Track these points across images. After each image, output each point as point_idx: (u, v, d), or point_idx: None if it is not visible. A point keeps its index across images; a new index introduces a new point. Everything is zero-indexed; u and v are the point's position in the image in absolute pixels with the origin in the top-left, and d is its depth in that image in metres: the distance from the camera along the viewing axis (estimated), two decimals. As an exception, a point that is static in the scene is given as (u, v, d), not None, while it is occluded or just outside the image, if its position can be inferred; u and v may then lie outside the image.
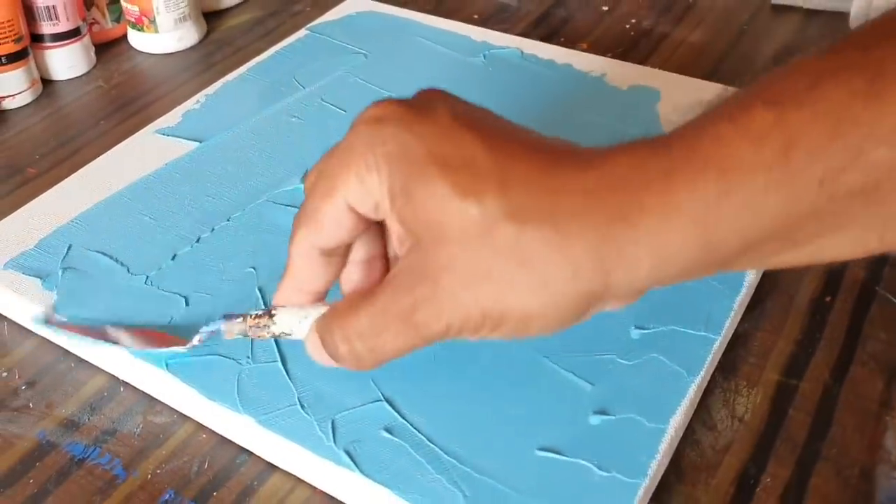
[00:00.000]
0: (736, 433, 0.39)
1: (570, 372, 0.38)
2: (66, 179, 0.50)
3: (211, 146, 0.52)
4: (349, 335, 0.29)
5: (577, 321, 0.27)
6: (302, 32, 0.63)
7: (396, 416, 0.37)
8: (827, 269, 0.47)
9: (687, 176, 0.24)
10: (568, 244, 0.25)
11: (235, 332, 0.33)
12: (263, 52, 0.62)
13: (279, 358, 0.39)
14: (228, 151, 0.52)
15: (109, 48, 0.66)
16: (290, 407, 0.37)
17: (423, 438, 0.36)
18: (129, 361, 0.40)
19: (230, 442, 0.39)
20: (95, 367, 0.42)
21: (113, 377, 0.41)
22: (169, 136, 0.53)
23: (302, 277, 0.31)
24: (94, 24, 0.65)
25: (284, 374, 0.39)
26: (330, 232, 0.30)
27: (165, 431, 0.39)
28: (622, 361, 0.39)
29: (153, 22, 0.64)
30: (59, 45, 0.61)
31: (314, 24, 0.64)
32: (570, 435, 0.36)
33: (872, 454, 0.38)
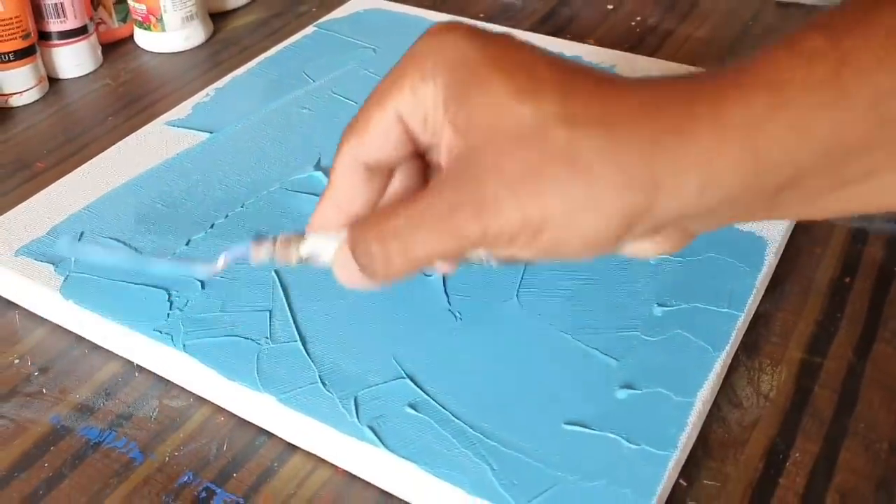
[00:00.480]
0: (762, 410, 0.38)
1: (594, 348, 0.38)
2: (76, 170, 0.49)
3: (222, 136, 0.52)
4: (385, 234, 0.28)
5: (613, 244, 0.26)
6: (310, 29, 0.63)
7: (420, 392, 0.36)
8: (844, 250, 0.46)
9: (738, 92, 0.24)
10: (620, 151, 0.24)
11: (262, 254, 0.31)
12: (270, 50, 0.62)
13: (298, 338, 0.39)
14: (240, 142, 0.51)
15: (116, 48, 0.66)
16: (311, 385, 0.37)
17: (448, 414, 0.35)
18: (144, 344, 0.39)
19: (249, 423, 0.38)
20: (110, 352, 0.41)
21: (128, 363, 0.41)
22: (179, 127, 0.53)
23: (342, 193, 0.30)
24: (100, 23, 0.65)
25: (304, 353, 0.38)
26: (377, 143, 0.29)
27: (182, 415, 0.38)
28: (646, 338, 0.38)
29: (160, 20, 0.64)
30: (66, 42, 0.61)
31: (322, 20, 0.64)
32: (596, 409, 0.35)
33: (901, 428, 0.37)
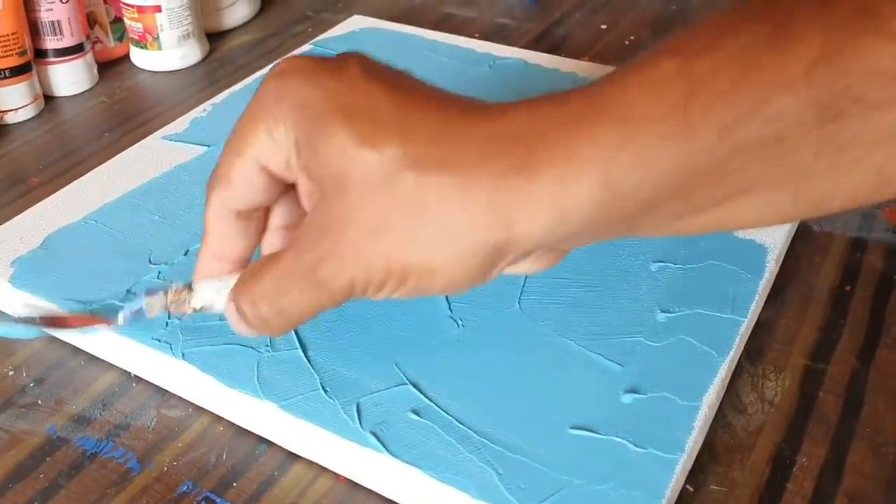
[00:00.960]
0: (767, 416, 0.38)
1: (597, 354, 0.38)
2: (72, 183, 0.49)
3: (220, 150, 0.51)
4: (254, 298, 0.28)
5: (484, 278, 0.26)
6: (306, 47, 0.64)
7: (423, 398, 0.36)
8: (844, 259, 0.46)
9: (585, 125, 0.23)
10: (465, 193, 0.24)
11: (157, 307, 0.31)
12: (266, 68, 0.62)
13: (299, 345, 0.38)
14: (237, 155, 0.51)
15: (112, 67, 0.66)
16: (312, 392, 0.36)
17: (451, 419, 0.35)
18: (143, 353, 0.39)
19: (248, 432, 0.37)
20: (106, 363, 0.41)
21: (124, 373, 0.40)
22: (176, 141, 0.52)
23: (219, 243, 0.30)
24: (96, 42, 0.65)
25: (305, 360, 0.37)
26: (242, 192, 0.28)
27: (181, 424, 0.38)
28: (650, 343, 0.38)
29: (157, 39, 0.64)
30: (62, 60, 0.61)
31: (318, 39, 0.65)
32: (602, 413, 0.35)
33: (908, 432, 0.37)
